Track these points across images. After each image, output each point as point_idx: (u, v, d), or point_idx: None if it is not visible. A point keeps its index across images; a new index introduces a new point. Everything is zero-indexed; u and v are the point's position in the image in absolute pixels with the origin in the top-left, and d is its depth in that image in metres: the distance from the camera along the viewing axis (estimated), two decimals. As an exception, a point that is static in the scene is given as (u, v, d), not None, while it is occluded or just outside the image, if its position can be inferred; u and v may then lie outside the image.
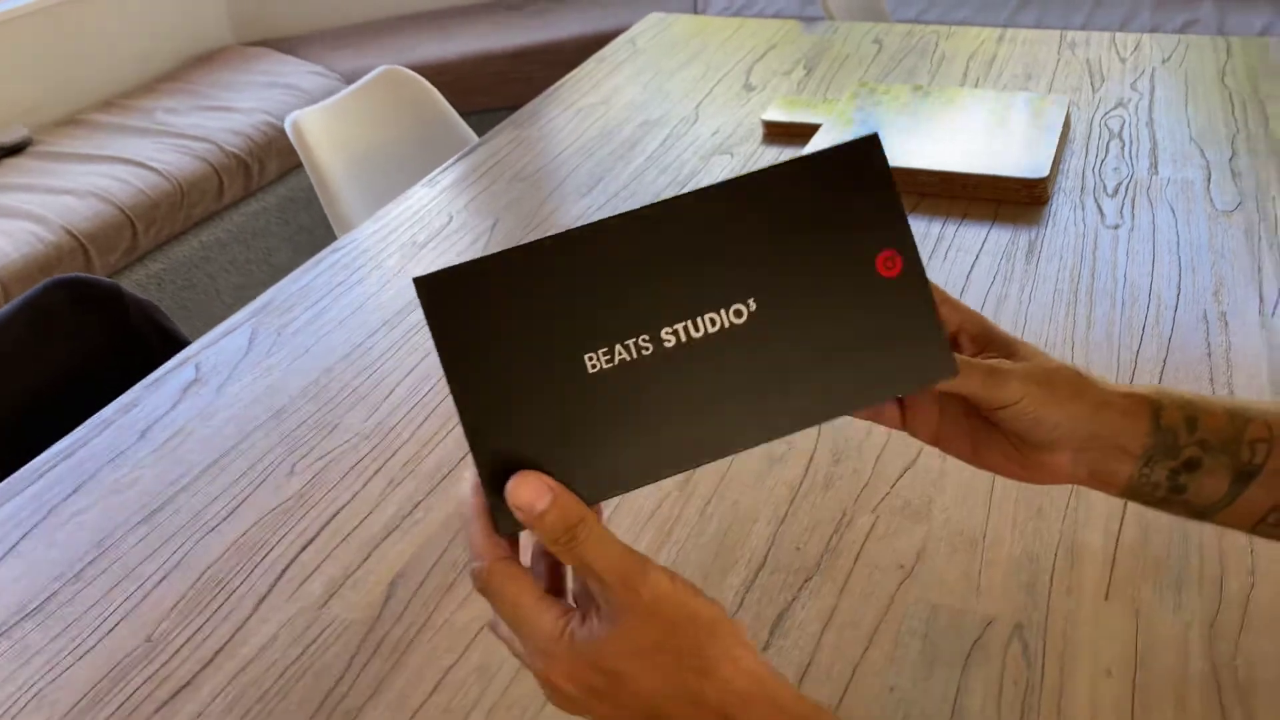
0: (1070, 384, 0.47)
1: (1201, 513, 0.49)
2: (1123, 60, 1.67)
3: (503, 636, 0.46)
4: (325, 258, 1.24)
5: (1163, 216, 1.19)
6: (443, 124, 1.77)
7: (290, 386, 1.00)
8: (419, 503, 0.84)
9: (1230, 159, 1.31)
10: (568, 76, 1.79)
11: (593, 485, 0.42)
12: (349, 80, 2.61)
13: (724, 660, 0.41)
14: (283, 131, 2.38)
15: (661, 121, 1.56)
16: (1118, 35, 1.77)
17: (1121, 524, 0.77)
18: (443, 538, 0.80)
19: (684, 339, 0.42)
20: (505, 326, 0.42)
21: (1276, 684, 0.64)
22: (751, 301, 0.43)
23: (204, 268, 2.23)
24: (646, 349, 0.42)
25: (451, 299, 0.42)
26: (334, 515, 0.83)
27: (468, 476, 0.44)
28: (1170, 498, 0.49)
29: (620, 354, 0.42)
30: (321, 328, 1.09)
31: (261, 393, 0.99)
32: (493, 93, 2.71)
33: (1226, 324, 0.99)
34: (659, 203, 0.43)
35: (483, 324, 0.42)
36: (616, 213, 0.43)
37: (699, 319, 0.42)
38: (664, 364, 0.42)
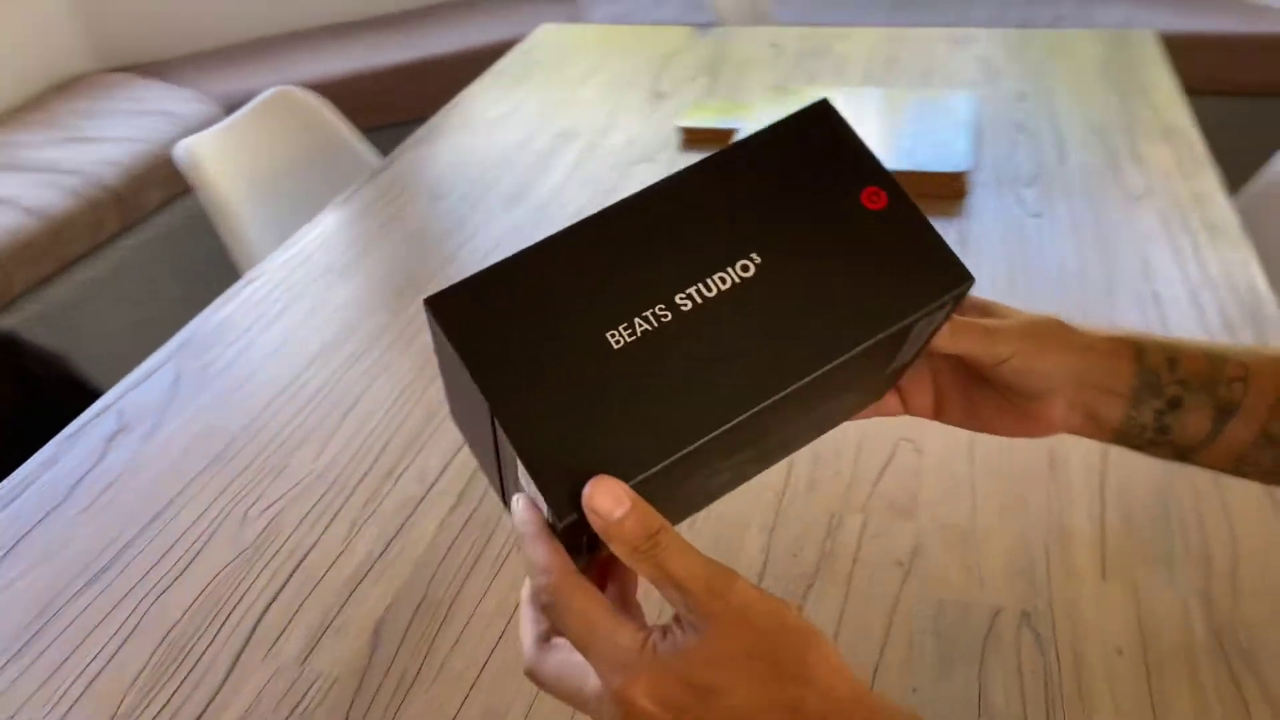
0: (1056, 332, 0.49)
1: (1185, 452, 0.51)
2: (1013, 55, 1.73)
3: (546, 676, 0.43)
4: (239, 290, 1.17)
5: (1080, 203, 1.23)
6: (341, 144, 1.70)
7: (227, 428, 0.94)
8: (389, 542, 0.80)
9: (1131, 145, 1.36)
10: (466, 91, 1.75)
11: (644, 460, 0.41)
12: (226, 104, 2.50)
13: (822, 667, 0.39)
14: (162, 160, 2.26)
15: (575, 132, 1.54)
16: (1006, 31, 1.83)
17: (1103, 505, 0.78)
18: (422, 577, 0.76)
19: (699, 300, 0.43)
20: (526, 329, 0.42)
21: (1279, 647, 0.66)
22: (755, 255, 0.44)
23: (86, 308, 2.10)
24: (665, 316, 0.42)
25: (467, 314, 0.41)
26: (299, 563, 0.78)
27: (517, 496, 0.42)
28: (1157, 439, 0.51)
29: (641, 325, 0.42)
30: (250, 364, 1.03)
31: (196, 437, 0.93)
32: (376, 111, 2.63)
33: (1159, 302, 1.02)
34: (647, 187, 0.44)
35: (503, 333, 0.41)
36: (588, 214, 0.44)
37: (709, 280, 0.43)
38: (685, 327, 0.42)
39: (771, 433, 0.47)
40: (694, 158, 1.40)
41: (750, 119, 1.44)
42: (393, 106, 2.70)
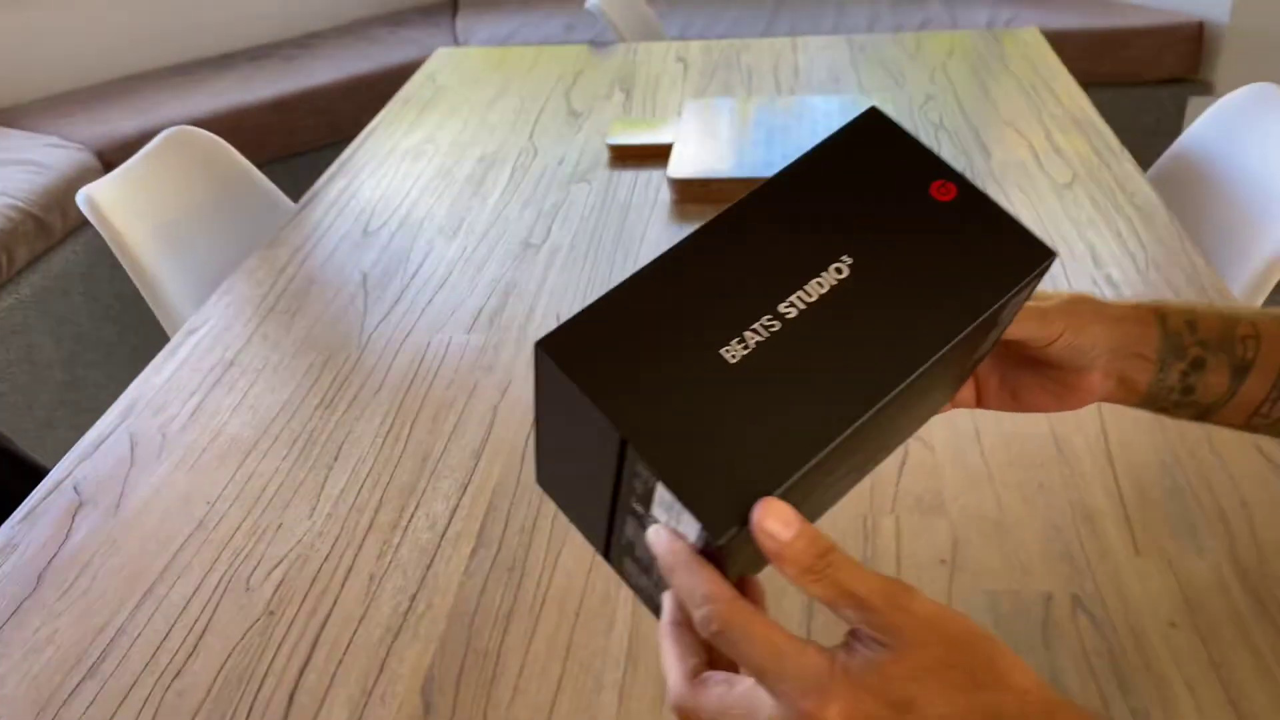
0: (1091, 307, 0.53)
1: (1206, 411, 0.55)
2: (912, 58, 1.78)
3: (708, 711, 0.41)
4: (183, 342, 1.10)
5: (1014, 196, 1.27)
6: (248, 182, 1.62)
7: (205, 490, 0.87)
8: (414, 595, 0.75)
9: (1047, 136, 1.42)
10: (375, 121, 1.69)
11: (781, 471, 0.40)
12: (96, 149, 2.36)
13: (1015, 672, 0.39)
14: (29, 214, 2.11)
15: (501, 156, 1.51)
16: (903, 35, 1.89)
17: (1117, 483, 0.81)
18: (460, 628, 0.72)
19: (802, 306, 0.43)
20: (641, 358, 0.41)
21: (1316, 603, 0.69)
22: (845, 257, 0.45)
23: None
24: (774, 325, 0.43)
25: (582, 352, 0.41)
26: (322, 626, 0.73)
27: (655, 528, 0.41)
28: (1182, 400, 0.54)
29: (752, 338, 0.42)
30: (211, 421, 0.96)
31: (173, 503, 0.86)
32: (255, 148, 2.53)
33: (1115, 285, 1.07)
34: (725, 210, 0.45)
35: (621, 364, 0.41)
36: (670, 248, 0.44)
37: (808, 286, 0.44)
38: (794, 334, 0.43)
39: (881, 433, 0.47)
40: (627, 175, 1.40)
41: (681, 134, 1.44)
42: (272, 142, 2.60)
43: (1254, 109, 1.36)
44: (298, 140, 2.64)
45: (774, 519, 0.38)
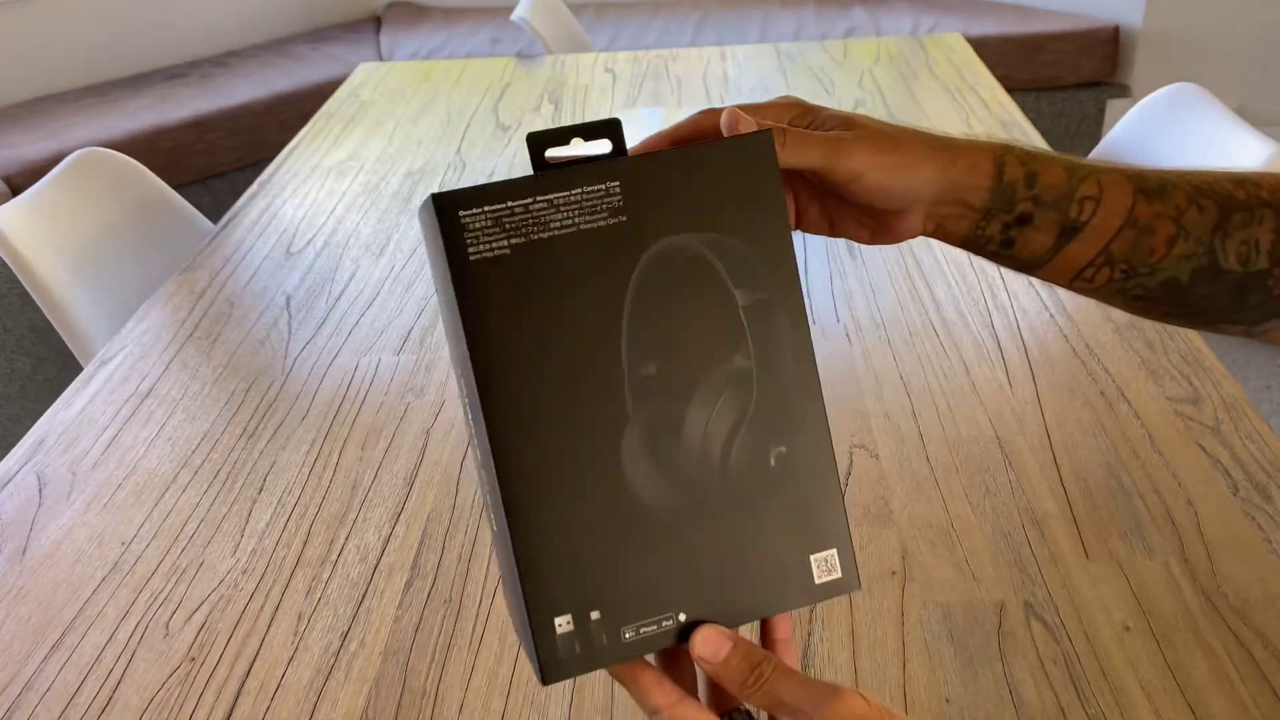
0: (914, 147, 0.48)
1: (1027, 266, 0.52)
2: (839, 65, 1.79)
3: None
4: (95, 373, 1.04)
5: (947, 198, 1.27)
6: (163, 204, 1.56)
7: (119, 530, 0.82)
8: (345, 632, 0.72)
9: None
10: (297, 138, 1.64)
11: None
12: (4, 174, 2.26)
13: None
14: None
15: (428, 170, 1.47)
16: (829, 43, 1.89)
17: (1063, 486, 0.80)
18: (395, 666, 0.68)
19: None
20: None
21: (1266, 600, 0.68)
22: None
23: None
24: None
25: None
26: (248, 671, 0.69)
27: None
28: (1000, 252, 0.51)
29: None
30: (126, 456, 0.91)
31: (84, 545, 0.81)
32: (173, 169, 2.45)
33: (1050, 288, 1.07)
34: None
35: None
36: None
37: None
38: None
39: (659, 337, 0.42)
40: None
41: (607, 143, 1.42)
42: (191, 163, 2.53)
43: (1174, 108, 1.38)
44: (218, 161, 2.57)
45: (705, 645, 0.40)
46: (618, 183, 0.40)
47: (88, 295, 1.37)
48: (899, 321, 1.02)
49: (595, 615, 0.39)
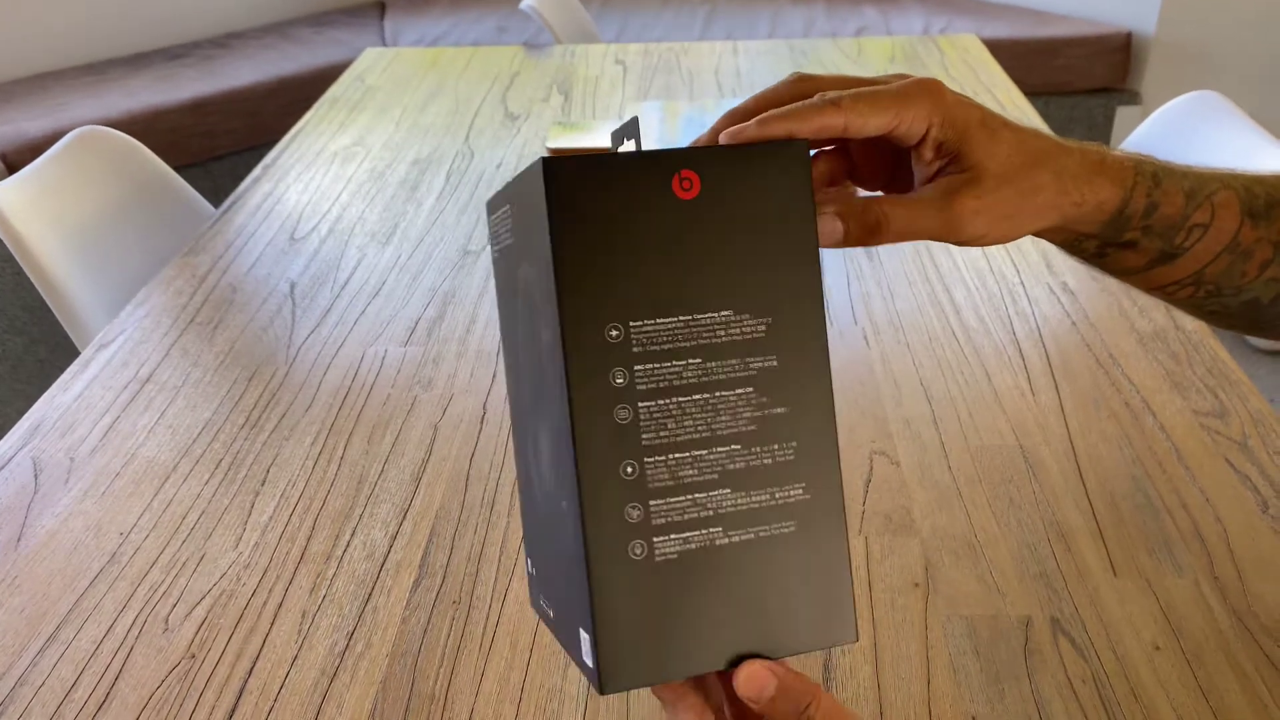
0: (1044, 192, 0.44)
1: (1108, 272, 0.50)
2: (854, 62, 1.76)
3: None
4: (93, 357, 1.02)
5: (964, 201, 1.25)
6: (163, 185, 1.53)
7: (118, 520, 0.80)
8: (351, 632, 0.69)
9: (993, 143, 1.41)
10: (302, 122, 1.62)
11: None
12: (3, 151, 2.23)
13: None
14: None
15: (436, 159, 1.44)
16: (840, 41, 1.87)
17: (1089, 499, 0.78)
18: (403, 668, 0.66)
19: None
20: None
21: (1299, 622, 0.67)
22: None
23: None
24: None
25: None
26: (249, 670, 0.67)
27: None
28: (1088, 260, 0.49)
29: None
30: (125, 443, 0.89)
31: (81, 535, 0.78)
32: (172, 150, 2.42)
33: (1070, 291, 1.05)
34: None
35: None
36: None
37: None
38: None
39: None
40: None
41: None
42: (190, 144, 2.50)
43: (1194, 117, 1.37)
44: (217, 143, 2.54)
45: (749, 685, 0.38)
46: (509, 207, 0.42)
47: (85, 276, 1.34)
48: (918, 326, 1.01)
49: (532, 571, 0.43)
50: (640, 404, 0.37)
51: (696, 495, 0.38)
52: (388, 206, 1.31)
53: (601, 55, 1.87)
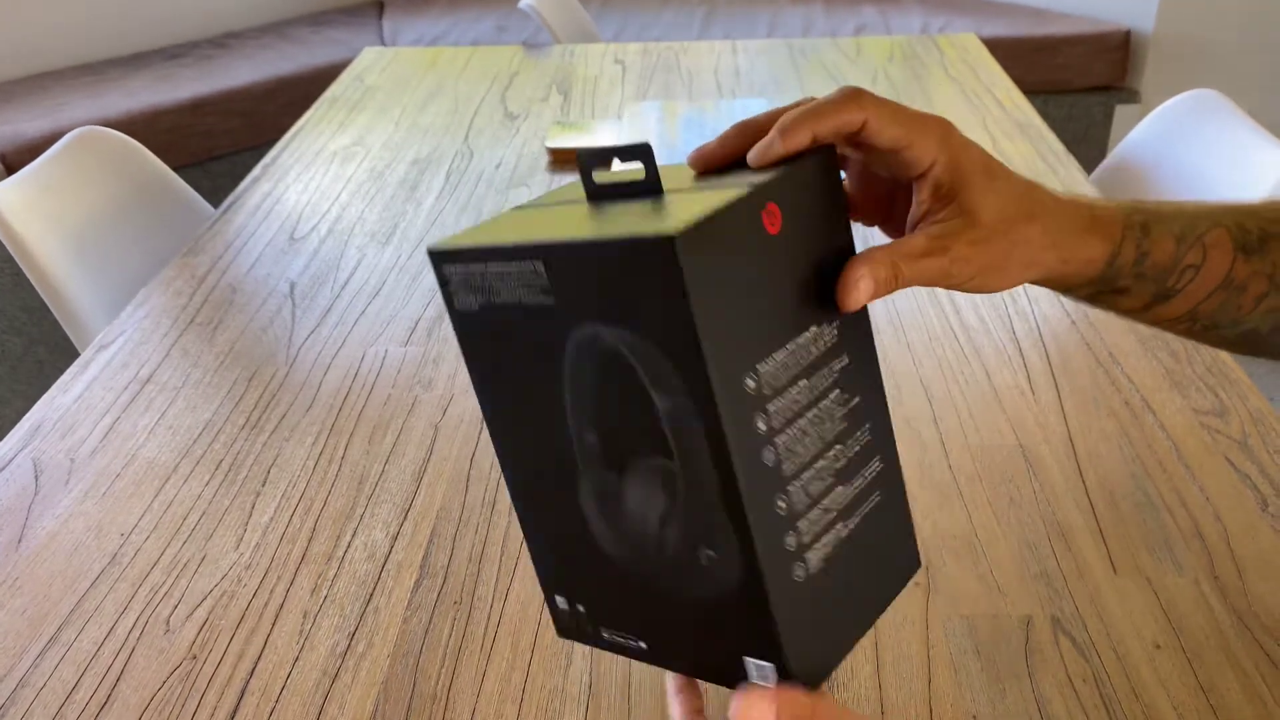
0: (1034, 244, 0.44)
1: (1106, 310, 0.51)
2: (852, 62, 1.76)
3: None
4: (93, 358, 1.02)
5: (964, 200, 1.25)
6: (163, 186, 1.53)
7: (119, 521, 0.80)
8: (352, 633, 0.69)
9: (992, 142, 1.41)
10: (302, 121, 1.62)
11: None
12: (1, 151, 2.23)
13: None
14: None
15: (435, 159, 1.44)
16: (840, 40, 1.87)
17: (1089, 498, 0.78)
18: (404, 669, 0.66)
19: None
20: None
21: (1300, 620, 0.67)
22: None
23: None
24: None
25: None
26: (251, 671, 0.67)
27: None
28: (1080, 301, 0.50)
29: None
30: (125, 444, 0.89)
31: (82, 536, 0.78)
32: (171, 150, 2.42)
33: (1070, 291, 1.05)
34: None
35: None
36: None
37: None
38: None
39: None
40: (568, 179, 1.35)
41: (617, 136, 1.40)
42: (189, 145, 2.49)
43: (1195, 115, 1.37)
44: (216, 143, 2.54)
45: (745, 712, 0.38)
46: (543, 264, 0.38)
47: (85, 276, 1.34)
48: (918, 325, 1.01)
49: (581, 609, 0.44)
50: (778, 440, 0.38)
51: (824, 502, 0.40)
52: (387, 206, 1.31)
53: (601, 55, 1.87)
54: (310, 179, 1.40)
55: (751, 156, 0.41)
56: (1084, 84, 2.64)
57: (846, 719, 0.38)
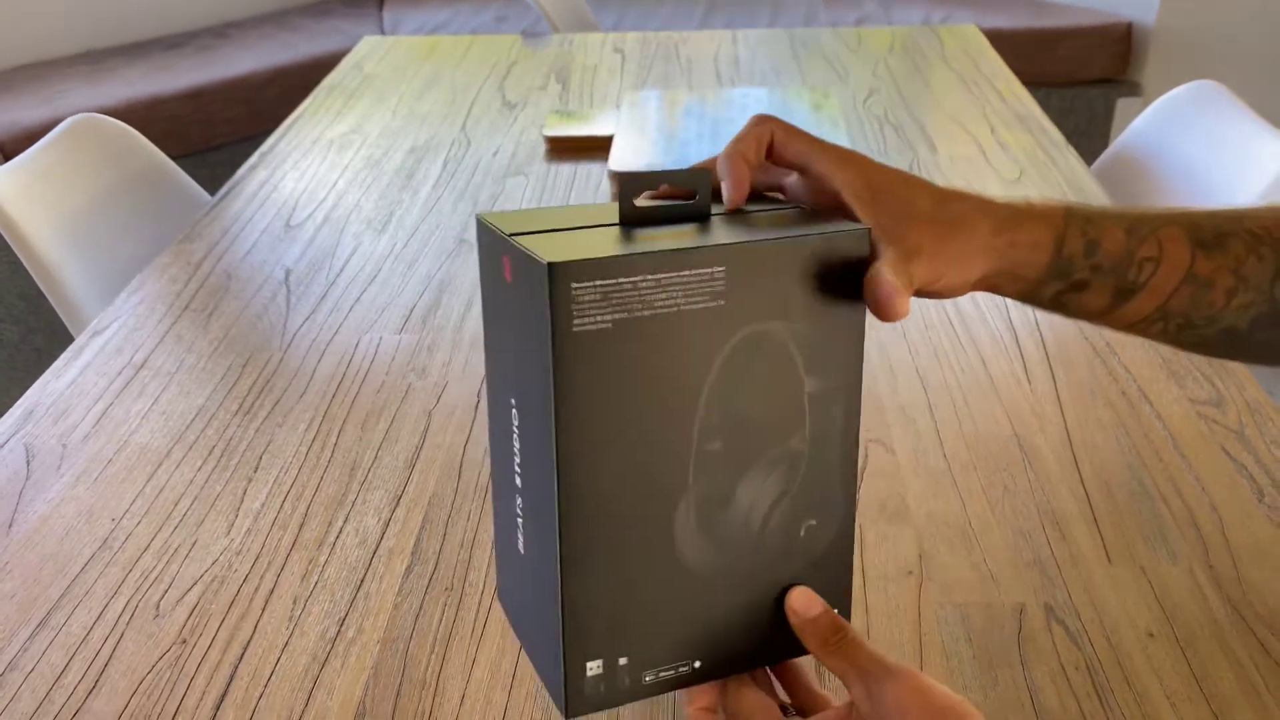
0: (977, 234, 0.47)
1: (1080, 319, 0.52)
2: (853, 52, 1.76)
3: None
4: (87, 344, 1.01)
5: (962, 190, 1.25)
6: (159, 173, 1.53)
7: (110, 506, 0.80)
8: (343, 619, 0.69)
9: (992, 131, 1.40)
10: (299, 110, 1.61)
11: None
12: (-3, 138, 2.22)
13: None
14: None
15: (432, 147, 1.44)
16: (840, 30, 1.87)
17: (1084, 487, 0.78)
18: (394, 655, 0.66)
19: None
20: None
21: (1294, 610, 0.66)
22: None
23: None
24: None
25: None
26: (240, 656, 0.66)
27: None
28: (1050, 308, 0.51)
29: None
30: (118, 430, 0.89)
31: (73, 521, 0.78)
32: (170, 139, 2.41)
33: (1068, 281, 1.05)
34: None
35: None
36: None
37: None
38: None
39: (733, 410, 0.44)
40: (565, 168, 1.35)
41: (615, 125, 1.39)
42: (188, 134, 2.49)
43: (1195, 106, 1.36)
44: (215, 132, 2.53)
45: (800, 599, 0.45)
46: (724, 268, 0.40)
47: (81, 263, 1.34)
48: (914, 314, 1.00)
49: (623, 661, 0.43)
50: None
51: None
52: (384, 194, 1.30)
53: (600, 44, 1.86)
54: (307, 167, 1.40)
55: (730, 206, 0.46)
56: (1085, 77, 2.63)
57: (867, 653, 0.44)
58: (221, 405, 0.91)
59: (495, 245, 0.42)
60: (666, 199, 0.47)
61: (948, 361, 0.93)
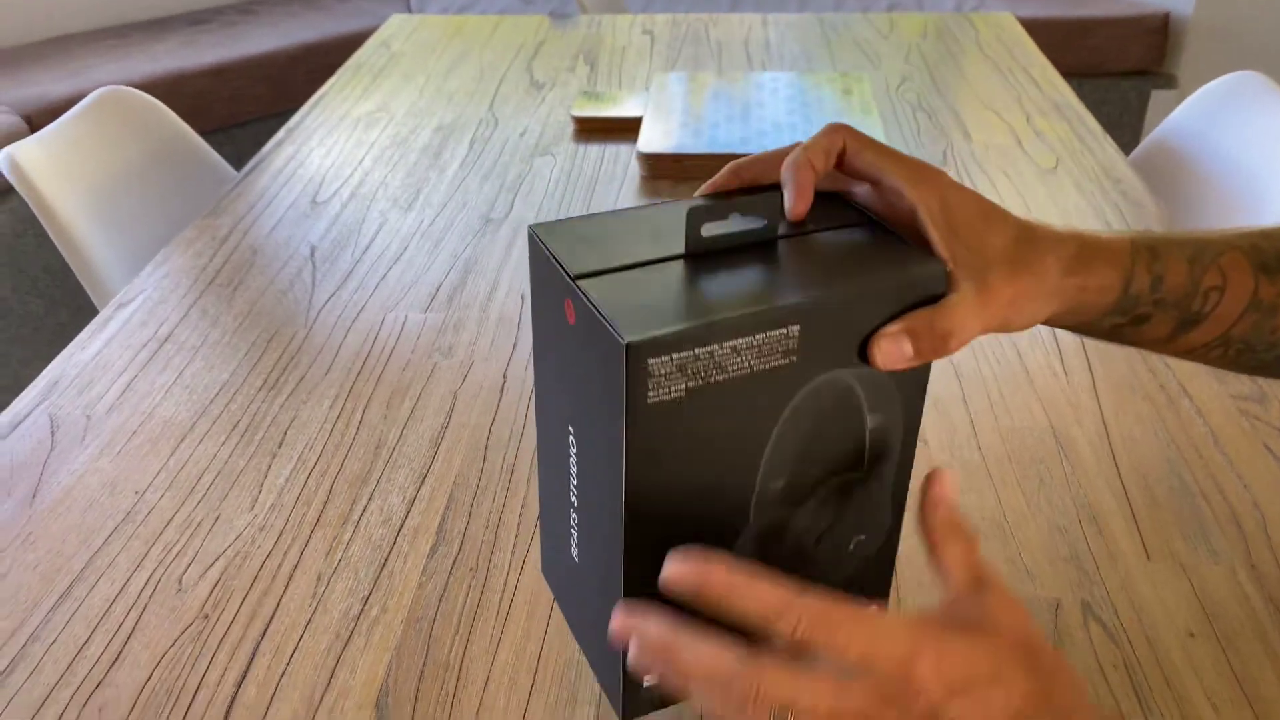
0: (1047, 279, 0.46)
1: (1136, 345, 0.51)
2: (885, 38, 1.73)
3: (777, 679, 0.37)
4: (112, 316, 1.01)
5: (998, 180, 1.23)
6: (186, 147, 1.52)
7: (133, 479, 0.79)
8: (366, 597, 0.68)
9: (1028, 120, 1.38)
10: (325, 88, 1.60)
11: None
12: (23, 112, 2.22)
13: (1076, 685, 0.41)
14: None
15: (459, 126, 1.43)
16: (872, 15, 1.84)
17: (1122, 481, 0.76)
18: (418, 635, 0.65)
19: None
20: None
21: (1340, 612, 0.65)
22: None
23: None
24: None
25: None
26: (263, 632, 0.66)
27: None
28: (1106, 339, 0.50)
29: None
30: (141, 403, 0.88)
31: (96, 493, 0.78)
32: (195, 115, 2.41)
33: (1105, 273, 1.03)
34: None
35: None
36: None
37: None
38: None
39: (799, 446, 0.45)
40: (593, 149, 1.33)
41: (644, 106, 1.38)
42: (213, 110, 2.49)
43: (1236, 98, 1.33)
44: (241, 109, 2.53)
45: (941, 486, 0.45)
46: (798, 325, 0.39)
47: (106, 235, 1.34)
48: (948, 302, 0.98)
49: None
50: None
51: None
52: (410, 172, 1.29)
53: (629, 25, 1.84)
54: (334, 144, 1.39)
55: (793, 217, 0.45)
56: (1119, 68, 2.59)
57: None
58: (246, 380, 0.90)
59: (553, 278, 0.41)
60: (734, 190, 0.47)
61: (982, 353, 0.91)
